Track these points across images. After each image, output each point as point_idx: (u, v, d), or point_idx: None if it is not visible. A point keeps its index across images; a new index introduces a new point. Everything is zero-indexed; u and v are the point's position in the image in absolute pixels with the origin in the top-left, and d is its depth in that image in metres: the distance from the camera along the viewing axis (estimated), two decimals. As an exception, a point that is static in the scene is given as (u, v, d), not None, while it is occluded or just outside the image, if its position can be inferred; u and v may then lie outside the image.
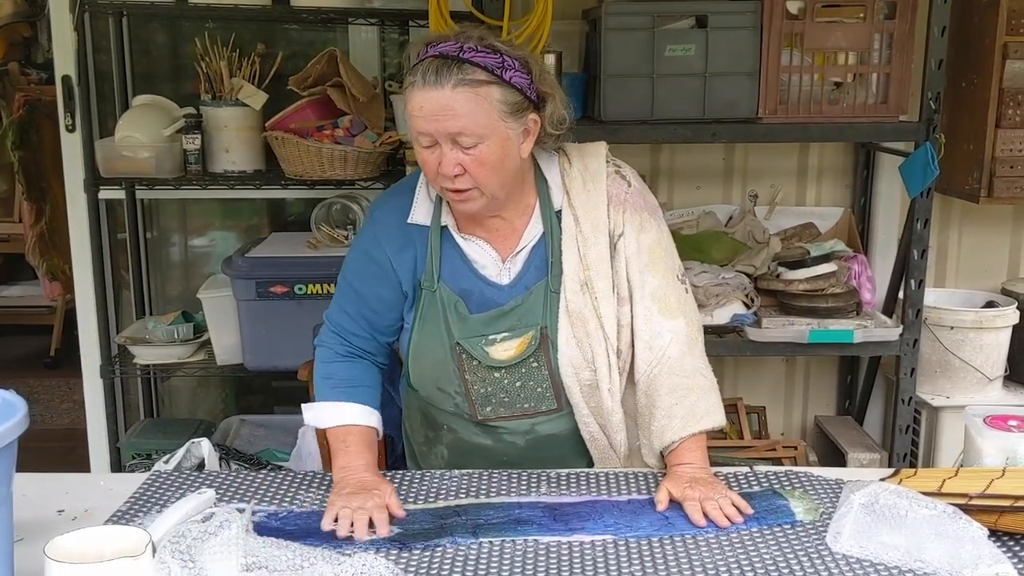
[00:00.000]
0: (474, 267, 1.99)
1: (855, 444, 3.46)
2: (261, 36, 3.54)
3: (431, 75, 1.80)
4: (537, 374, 1.99)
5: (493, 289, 1.99)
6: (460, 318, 1.97)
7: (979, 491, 1.72)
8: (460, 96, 1.80)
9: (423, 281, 1.99)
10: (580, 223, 1.97)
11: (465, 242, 1.99)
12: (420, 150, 1.86)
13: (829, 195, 3.71)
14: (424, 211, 1.99)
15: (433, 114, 1.81)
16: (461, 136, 1.81)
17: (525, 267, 1.99)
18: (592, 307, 1.96)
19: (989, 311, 3.42)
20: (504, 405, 2.02)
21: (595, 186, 1.99)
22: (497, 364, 1.97)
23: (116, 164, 3.17)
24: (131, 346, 3.35)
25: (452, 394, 2.04)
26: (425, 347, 2.01)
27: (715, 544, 1.68)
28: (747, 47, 2.96)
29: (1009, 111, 3.22)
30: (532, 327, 1.96)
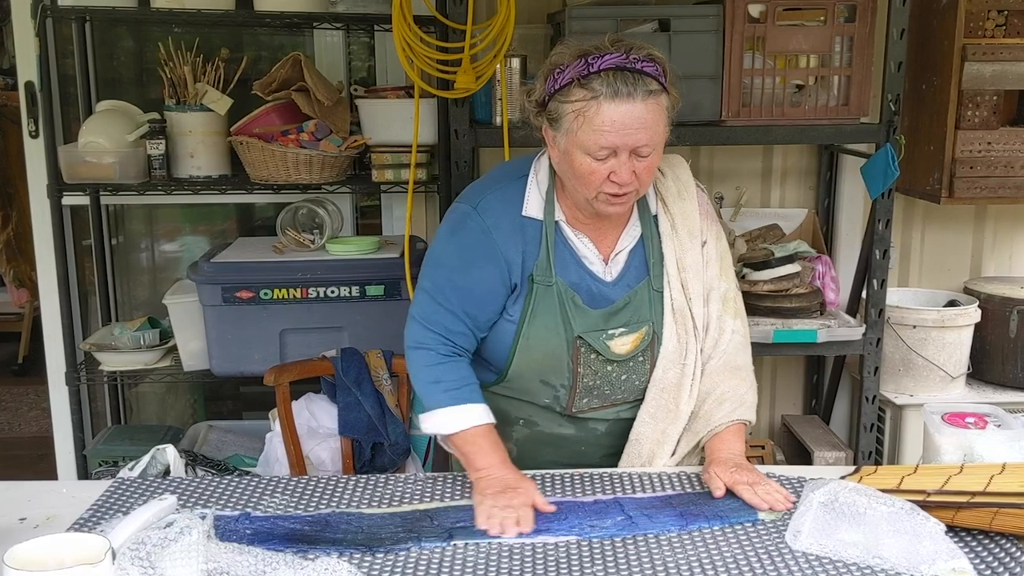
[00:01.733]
0: (583, 263, 2.02)
1: (821, 443, 3.49)
2: (226, 41, 3.53)
3: (621, 86, 1.82)
4: (641, 368, 2.06)
5: (600, 285, 2.03)
6: (580, 312, 2.00)
7: (937, 487, 1.74)
8: (649, 108, 1.84)
9: (536, 275, 1.99)
10: (677, 229, 2.06)
11: (575, 238, 2.02)
12: (587, 161, 1.87)
13: (793, 197, 3.74)
14: (537, 205, 2.01)
15: (625, 128, 1.83)
16: (644, 147, 1.86)
17: (626, 267, 2.05)
18: (688, 307, 2.05)
19: (951, 310, 3.46)
20: (601, 397, 2.07)
21: (688, 196, 2.09)
22: (614, 358, 2.02)
23: (80, 170, 3.15)
24: (97, 353, 3.32)
25: (557, 387, 2.05)
26: (538, 340, 2.01)
27: (677, 543, 1.69)
28: (710, 50, 2.99)
29: (968, 112, 3.26)
30: (645, 323, 2.04)
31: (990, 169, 3.30)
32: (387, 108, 3.25)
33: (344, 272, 3.11)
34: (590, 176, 1.88)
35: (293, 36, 3.78)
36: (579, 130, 1.86)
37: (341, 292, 3.10)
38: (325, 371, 2.85)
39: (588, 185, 1.90)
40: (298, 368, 2.81)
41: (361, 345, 2.94)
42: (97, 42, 3.65)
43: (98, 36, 3.66)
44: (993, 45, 3.23)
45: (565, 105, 1.87)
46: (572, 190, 1.96)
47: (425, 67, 2.97)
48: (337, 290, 3.10)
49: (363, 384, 2.83)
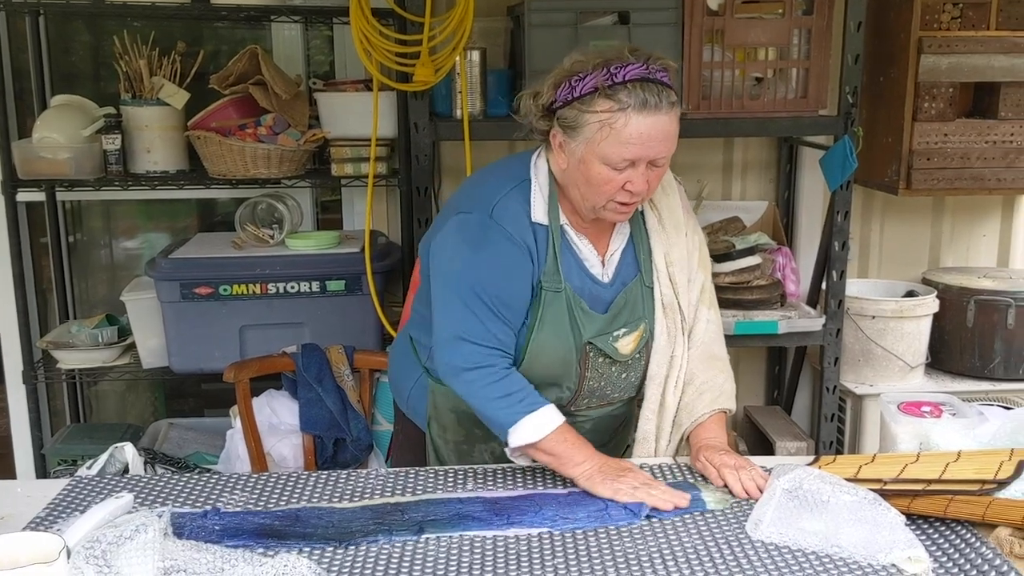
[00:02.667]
0: (584, 266, 2.02)
1: (783, 433, 3.51)
2: (184, 35, 3.50)
3: (651, 98, 1.82)
4: (638, 365, 2.09)
5: (599, 287, 2.03)
6: (587, 317, 2.00)
7: (893, 476, 1.76)
8: (672, 119, 1.86)
9: (544, 280, 1.97)
10: (664, 224, 2.09)
11: (579, 239, 2.02)
12: (605, 171, 1.86)
13: (754, 189, 3.76)
14: (542, 210, 1.98)
15: (651, 139, 1.83)
16: (662, 158, 1.87)
17: (620, 264, 2.06)
18: (676, 300, 2.08)
19: (910, 300, 3.50)
20: (601, 397, 2.09)
21: (671, 191, 2.11)
22: (621, 359, 2.04)
23: (34, 165, 3.11)
24: (54, 351, 3.28)
25: (563, 388, 2.05)
26: (548, 346, 1.98)
27: (638, 534, 1.69)
28: (669, 43, 2.99)
29: (925, 104, 3.29)
30: (642, 321, 2.06)
31: (947, 161, 3.33)
32: (346, 102, 3.23)
33: (304, 267, 3.09)
34: (605, 185, 1.88)
35: (251, 30, 3.75)
36: (603, 141, 1.84)
37: (301, 287, 3.08)
38: (286, 367, 2.84)
39: (601, 194, 1.89)
40: (258, 364, 2.79)
41: (322, 341, 2.93)
42: (52, 36, 3.61)
43: (53, 30, 3.61)
44: (949, 38, 3.26)
45: (588, 115, 1.85)
46: (578, 197, 1.94)
47: (384, 60, 2.96)
48: (297, 285, 3.08)
49: (324, 380, 2.82)
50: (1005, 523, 1.62)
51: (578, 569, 1.57)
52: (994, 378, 3.53)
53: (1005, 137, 3.34)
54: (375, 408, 2.96)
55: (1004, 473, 1.71)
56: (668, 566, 1.57)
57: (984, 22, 3.30)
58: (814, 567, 1.55)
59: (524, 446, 1.90)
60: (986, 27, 3.30)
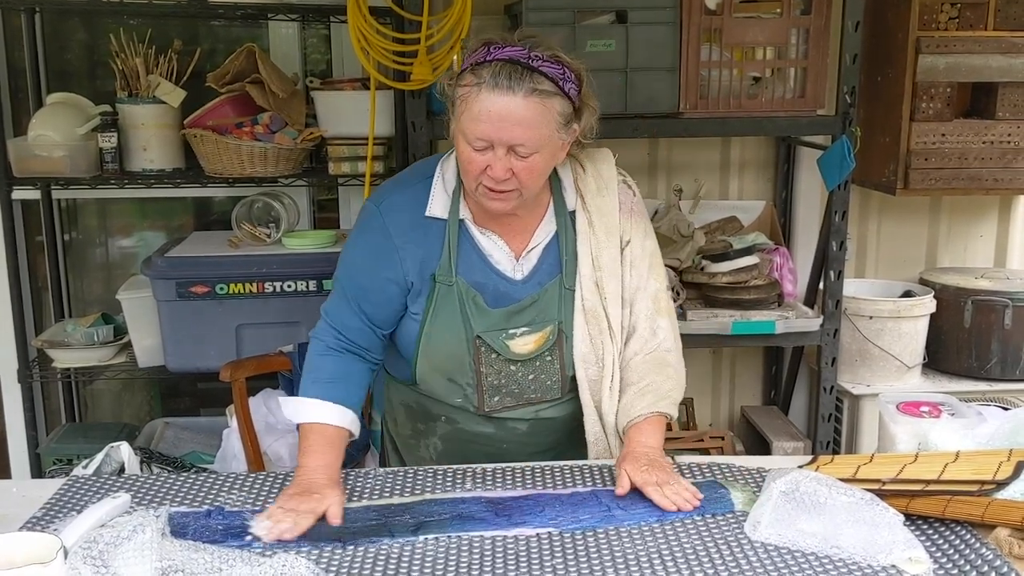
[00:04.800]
0: (489, 261, 2.00)
1: (780, 433, 3.51)
2: (180, 33, 3.49)
3: (504, 79, 1.79)
4: (550, 367, 2.03)
5: (508, 284, 2.00)
6: (480, 311, 1.98)
7: (892, 476, 1.76)
8: (530, 106, 1.80)
9: (438, 274, 1.97)
10: (594, 227, 2.02)
11: (482, 236, 1.99)
12: (467, 150, 1.85)
13: (751, 189, 3.76)
14: (441, 204, 1.99)
15: (501, 120, 1.80)
16: (521, 146, 1.82)
17: (538, 264, 2.01)
18: (603, 307, 2.01)
19: (907, 301, 3.50)
20: (512, 396, 2.04)
21: (608, 193, 2.04)
22: (515, 358, 2.00)
23: (30, 163, 3.10)
24: (49, 350, 3.27)
25: (463, 385, 2.03)
26: (439, 339, 1.99)
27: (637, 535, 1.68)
28: (667, 42, 2.99)
29: (923, 104, 3.29)
30: (550, 323, 2.00)
31: (944, 161, 3.33)
32: (343, 100, 3.22)
33: (301, 266, 3.08)
34: (468, 165, 1.86)
35: (248, 28, 3.74)
36: (462, 116, 1.84)
37: (298, 286, 3.08)
38: (282, 366, 2.83)
39: (468, 174, 1.88)
40: (255, 363, 2.78)
41: (319, 340, 2.91)
42: (48, 34, 3.59)
43: (49, 27, 3.60)
44: (946, 38, 3.26)
45: (456, 90, 1.86)
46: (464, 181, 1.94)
47: (381, 59, 2.95)
48: (294, 284, 3.07)
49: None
50: (1004, 524, 1.61)
51: (577, 570, 1.56)
52: (991, 378, 3.53)
53: (1002, 137, 3.34)
54: (372, 408, 2.94)
55: (1003, 474, 1.70)
56: (668, 567, 1.56)
57: (982, 22, 3.30)
58: (814, 568, 1.55)
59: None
60: (984, 27, 3.30)
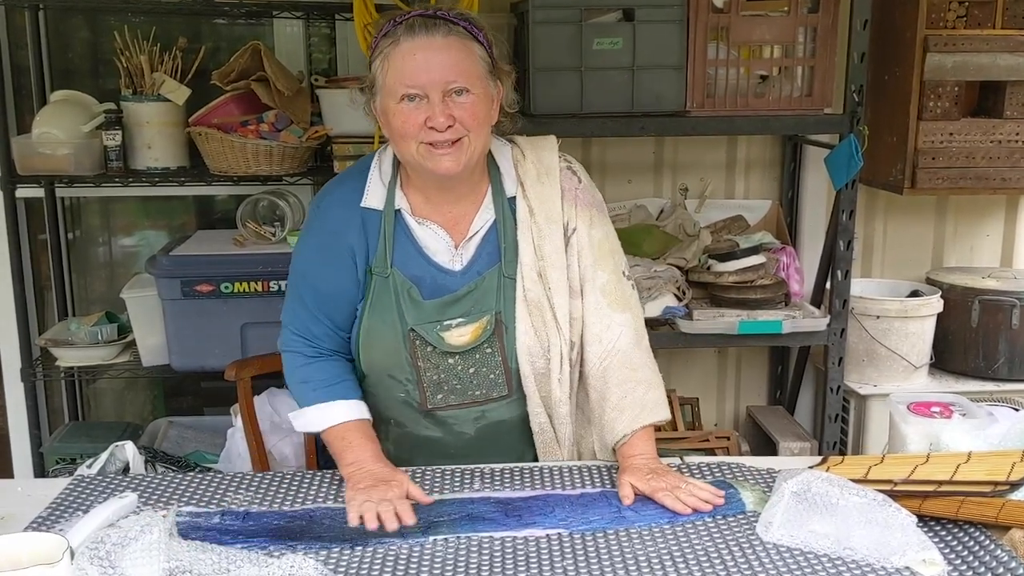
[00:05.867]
0: (426, 253, 1.97)
1: (786, 433, 3.50)
2: (184, 30, 3.47)
3: (419, 27, 1.82)
4: (491, 360, 1.98)
5: (445, 275, 1.96)
6: (414, 304, 1.95)
7: (904, 477, 1.74)
8: (451, 43, 1.83)
9: (374, 267, 1.96)
10: (535, 214, 1.97)
11: (419, 227, 1.97)
12: (401, 109, 1.83)
13: (757, 188, 3.74)
14: (377, 196, 1.97)
15: (427, 61, 1.81)
16: (455, 83, 1.82)
17: (477, 253, 1.97)
18: (547, 297, 1.96)
19: (914, 300, 3.48)
20: (455, 392, 1.99)
21: (549, 179, 1.99)
22: (451, 350, 1.95)
23: (33, 161, 3.09)
24: (53, 348, 3.26)
25: (403, 381, 2.00)
26: (376, 333, 1.97)
27: (648, 537, 1.67)
28: (674, 40, 2.98)
29: (930, 103, 3.28)
30: (487, 313, 1.96)
31: (952, 160, 3.32)
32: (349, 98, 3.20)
33: (306, 265, 3.06)
34: (405, 125, 1.83)
35: (252, 26, 3.73)
36: (386, 76, 1.84)
37: (303, 285, 3.06)
38: (287, 365, 2.81)
39: (407, 137, 1.84)
40: (260, 363, 2.76)
41: (324, 339, 2.90)
42: (51, 31, 3.59)
43: (52, 25, 3.59)
44: (954, 36, 3.24)
45: (375, 62, 1.87)
46: (402, 157, 1.92)
47: (387, 57, 2.93)
48: (299, 283, 3.06)
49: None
50: (1019, 525, 1.60)
51: (587, 571, 1.55)
52: (998, 378, 3.51)
53: (1010, 136, 3.33)
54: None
55: (1017, 474, 1.69)
56: (680, 569, 1.55)
57: (990, 21, 3.28)
58: (827, 570, 1.53)
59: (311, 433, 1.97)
60: (992, 26, 3.28)
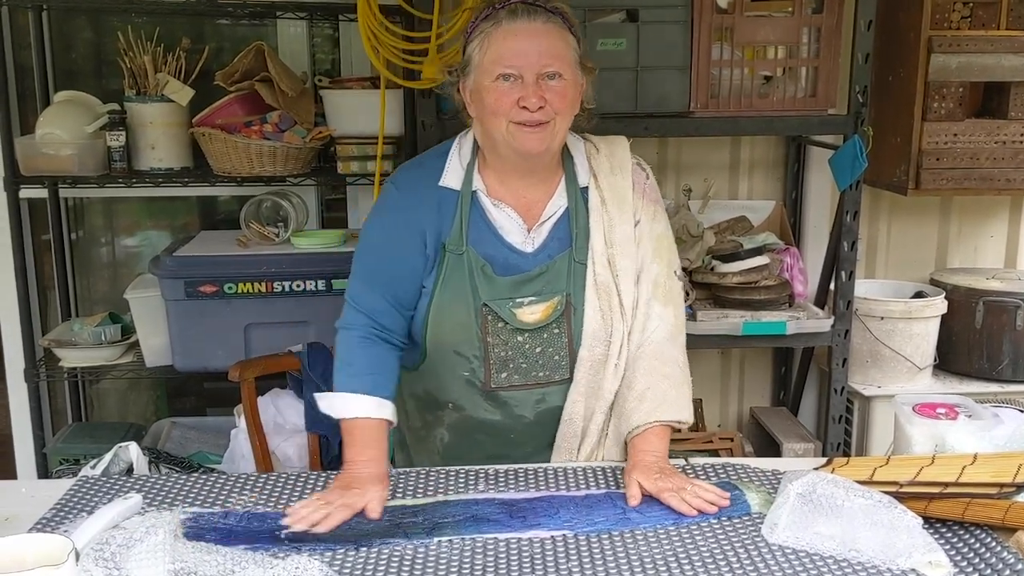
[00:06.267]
0: (500, 233, 2.02)
1: (790, 435, 3.50)
2: (188, 31, 3.47)
3: (521, 11, 1.91)
4: (558, 341, 2.02)
5: (518, 256, 2.01)
6: (487, 280, 1.99)
7: (909, 478, 1.74)
8: (549, 29, 1.91)
9: (448, 244, 2.00)
10: (607, 204, 2.04)
11: (494, 207, 2.02)
12: (495, 88, 1.90)
13: (761, 188, 3.74)
14: (456, 176, 2.03)
15: (528, 42, 1.89)
16: (549, 67, 1.89)
17: (549, 237, 2.03)
18: (615, 283, 2.02)
19: (918, 301, 3.48)
20: (519, 372, 2.02)
21: (623, 173, 2.08)
22: (522, 327, 1.99)
23: (37, 162, 3.09)
24: (56, 349, 3.26)
25: (469, 358, 2.02)
26: (447, 309, 2.00)
27: (653, 539, 1.67)
28: (678, 41, 2.98)
29: (935, 104, 3.27)
30: (558, 293, 2.01)
31: (956, 161, 3.31)
32: (352, 99, 3.21)
33: (309, 266, 3.07)
34: (498, 103, 1.90)
35: (256, 27, 3.73)
36: (485, 55, 1.92)
37: (307, 286, 3.07)
38: (291, 366, 2.82)
39: (498, 114, 1.91)
40: (263, 363, 2.76)
41: (327, 340, 2.89)
42: (55, 32, 3.59)
43: (56, 26, 3.60)
44: (959, 37, 3.24)
45: (472, 42, 1.94)
46: (490, 138, 1.97)
47: (391, 57, 2.93)
48: (303, 284, 3.06)
49: (329, 379, 2.78)
50: (1026, 527, 1.60)
51: (592, 572, 1.55)
52: (1002, 379, 3.51)
53: (1015, 137, 3.32)
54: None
55: (1023, 476, 1.69)
56: (685, 570, 1.55)
57: (994, 21, 3.28)
58: (833, 572, 1.53)
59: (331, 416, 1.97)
60: (996, 26, 3.28)
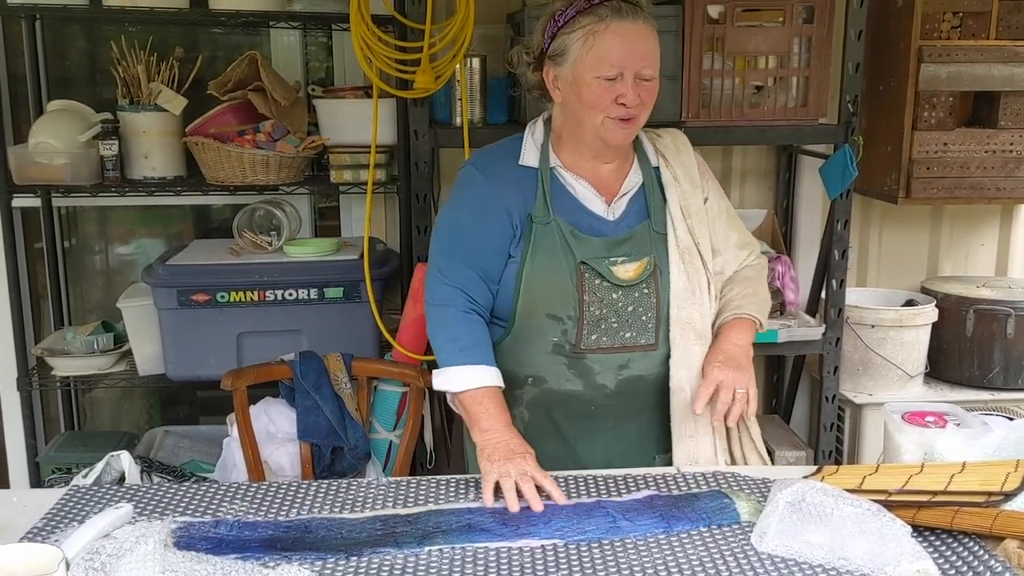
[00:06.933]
0: (582, 204, 2.12)
1: (782, 442, 3.50)
2: (181, 40, 3.47)
3: (627, 10, 1.99)
4: (647, 301, 2.10)
5: (602, 223, 2.11)
6: (580, 241, 2.08)
7: (898, 487, 1.75)
8: (650, 31, 2.04)
9: (535, 215, 2.08)
10: (679, 180, 2.18)
11: (576, 180, 2.12)
12: (596, 85, 1.99)
13: (752, 197, 3.75)
14: (532, 155, 2.14)
15: (633, 44, 1.99)
16: (646, 68, 2.01)
17: (627, 210, 2.14)
18: (696, 246, 2.14)
19: (909, 309, 3.49)
20: (609, 333, 2.09)
21: (687, 155, 2.23)
22: (618, 283, 2.07)
23: (30, 171, 3.09)
24: (49, 358, 3.26)
25: (563, 319, 2.08)
26: (541, 273, 2.07)
27: (643, 547, 1.68)
28: (669, 51, 2.98)
29: (925, 113, 3.29)
30: (647, 255, 2.11)
31: (946, 170, 3.33)
32: (345, 108, 3.22)
33: (302, 274, 3.07)
34: (599, 99, 2.00)
35: (249, 36, 3.73)
36: (589, 52, 1.99)
37: (299, 295, 3.07)
38: (283, 375, 2.82)
39: (596, 108, 2.01)
40: (256, 372, 2.77)
41: (320, 348, 2.91)
42: (48, 41, 3.59)
43: (49, 35, 3.59)
44: (948, 47, 3.26)
45: (572, 34, 2.01)
46: (577, 125, 2.07)
47: (384, 67, 2.94)
48: (295, 293, 3.06)
49: (322, 388, 2.80)
50: (1013, 535, 1.61)
51: (583, 581, 1.56)
52: (993, 387, 3.52)
53: (1005, 146, 3.34)
54: (373, 416, 2.94)
55: (1011, 484, 1.70)
56: (674, 578, 1.56)
57: (984, 31, 3.30)
58: (822, 580, 1.54)
59: (446, 392, 2.04)
60: (986, 36, 3.31)
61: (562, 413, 2.15)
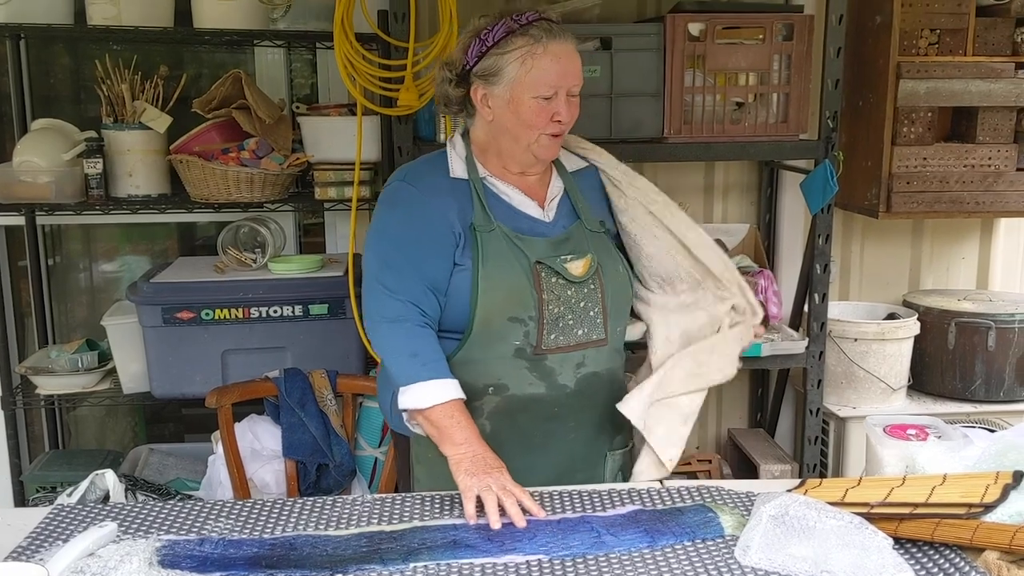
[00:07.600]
0: (519, 209, 2.15)
1: (767, 456, 3.52)
2: (166, 58, 3.49)
3: (558, 31, 2.04)
4: (594, 296, 2.14)
5: (541, 225, 2.15)
6: (529, 244, 2.09)
7: (880, 500, 1.76)
8: (576, 51, 2.08)
9: (477, 225, 2.08)
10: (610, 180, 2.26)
11: (507, 188, 2.15)
12: (534, 104, 2.03)
13: (735, 212, 3.78)
14: (461, 168, 2.14)
15: (568, 65, 2.04)
16: (575, 86, 2.07)
17: (559, 212, 2.18)
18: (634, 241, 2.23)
19: (891, 323, 3.52)
20: (565, 332, 2.10)
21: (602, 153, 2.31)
22: (573, 279, 2.10)
23: (14, 189, 3.09)
24: (33, 376, 3.25)
25: (525, 320, 2.08)
26: (497, 277, 2.06)
27: (628, 561, 1.68)
28: (651, 68, 3.02)
29: (904, 128, 3.32)
30: (588, 252, 2.14)
31: (926, 184, 3.36)
32: (329, 125, 3.23)
33: (287, 291, 3.07)
34: (536, 118, 2.04)
35: (234, 54, 3.75)
36: (528, 74, 2.02)
37: (284, 312, 3.07)
38: (268, 392, 2.82)
39: (533, 127, 2.06)
40: (240, 389, 2.77)
41: (305, 365, 2.91)
42: (32, 59, 3.59)
43: (33, 53, 3.60)
44: (927, 63, 3.29)
45: (507, 56, 2.03)
46: (509, 143, 2.10)
47: (367, 84, 2.96)
48: (280, 310, 3.07)
49: (307, 405, 2.80)
50: (993, 547, 1.62)
51: (567, 596, 1.56)
52: (975, 400, 3.55)
53: (983, 161, 3.38)
54: (358, 433, 2.94)
55: (991, 496, 1.71)
56: (658, 592, 1.57)
57: (961, 48, 3.34)
58: (804, 592, 1.55)
59: (412, 410, 1.98)
60: (963, 53, 3.34)
61: (526, 417, 2.13)
